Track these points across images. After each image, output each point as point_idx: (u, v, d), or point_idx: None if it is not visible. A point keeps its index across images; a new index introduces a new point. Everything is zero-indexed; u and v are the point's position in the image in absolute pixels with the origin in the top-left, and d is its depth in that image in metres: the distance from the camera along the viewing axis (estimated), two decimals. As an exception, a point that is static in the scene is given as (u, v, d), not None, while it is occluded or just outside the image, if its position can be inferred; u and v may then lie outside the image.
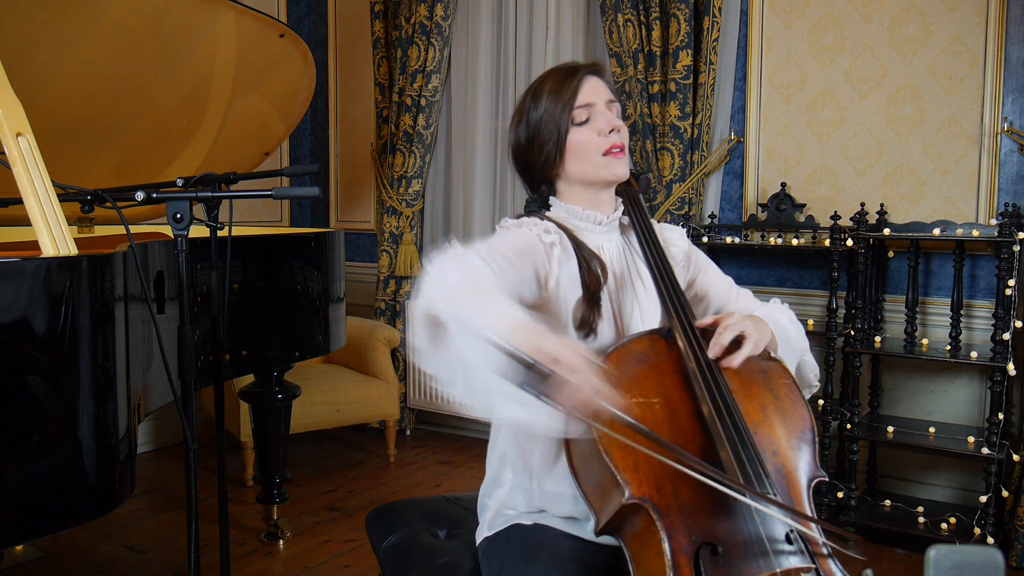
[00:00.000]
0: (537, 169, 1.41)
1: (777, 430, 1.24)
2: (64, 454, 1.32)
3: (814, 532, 1.15)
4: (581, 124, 1.37)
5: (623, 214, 1.47)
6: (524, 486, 1.35)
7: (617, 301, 1.38)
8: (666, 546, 1.08)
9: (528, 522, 1.35)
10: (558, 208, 1.42)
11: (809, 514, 1.17)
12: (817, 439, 1.26)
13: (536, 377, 0.97)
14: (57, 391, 1.31)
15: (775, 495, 1.13)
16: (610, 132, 1.36)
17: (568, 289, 1.32)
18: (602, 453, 1.12)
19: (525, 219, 1.35)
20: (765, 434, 1.23)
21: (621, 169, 1.37)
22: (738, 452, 1.14)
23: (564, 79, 1.38)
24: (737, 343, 1.26)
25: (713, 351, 1.25)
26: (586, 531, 1.32)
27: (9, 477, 1.25)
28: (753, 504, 1.10)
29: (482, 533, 1.41)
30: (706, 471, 1.07)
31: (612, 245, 1.43)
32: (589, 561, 1.29)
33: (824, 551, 1.14)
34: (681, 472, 1.12)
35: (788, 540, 1.12)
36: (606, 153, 1.36)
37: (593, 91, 1.38)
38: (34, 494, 1.29)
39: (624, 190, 1.50)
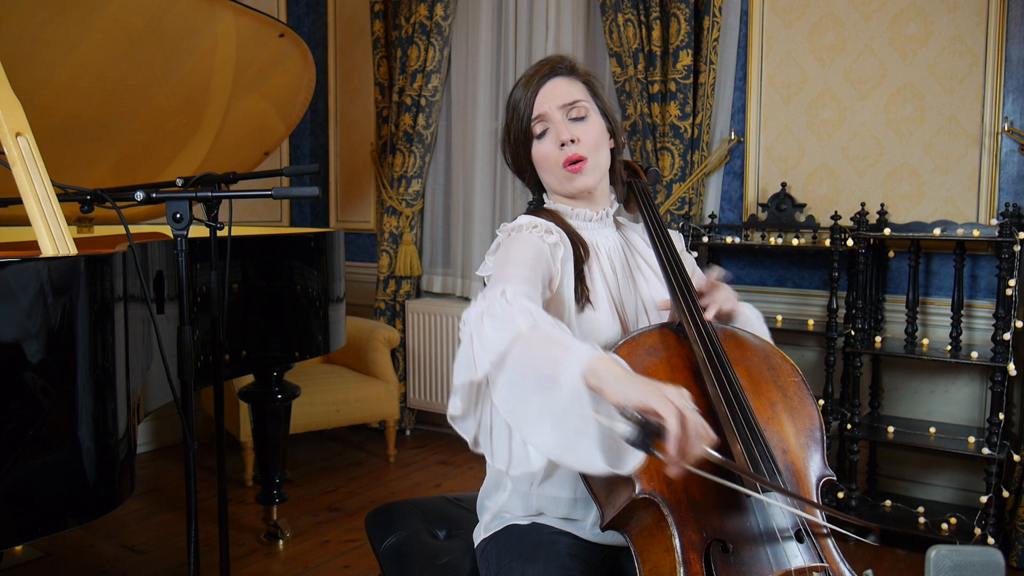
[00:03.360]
0: (522, 173, 1.44)
1: (786, 428, 1.24)
2: (63, 454, 1.32)
3: (818, 518, 1.15)
4: (540, 137, 1.37)
5: (639, 208, 1.48)
6: (523, 491, 1.35)
7: (619, 296, 1.38)
8: (676, 542, 1.08)
9: (525, 522, 1.35)
10: (550, 206, 1.44)
11: (821, 519, 1.17)
12: (826, 439, 1.26)
13: (647, 434, 0.95)
14: (55, 391, 1.30)
15: (793, 502, 1.14)
16: (561, 146, 1.35)
17: (569, 287, 1.32)
18: None
19: (523, 220, 1.35)
20: (775, 431, 1.23)
21: (582, 182, 1.37)
22: (750, 448, 1.14)
23: (523, 89, 1.38)
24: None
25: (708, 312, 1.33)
26: (583, 531, 1.32)
27: (7, 476, 1.24)
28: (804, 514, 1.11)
29: (479, 534, 1.41)
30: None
31: (608, 241, 1.43)
32: (587, 558, 1.29)
33: (830, 544, 1.15)
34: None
35: (799, 539, 1.12)
36: (565, 167, 1.35)
37: (547, 97, 1.36)
38: (33, 494, 1.29)
39: (633, 182, 1.50)
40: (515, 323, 1.06)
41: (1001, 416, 2.60)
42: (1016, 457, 2.68)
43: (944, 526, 2.74)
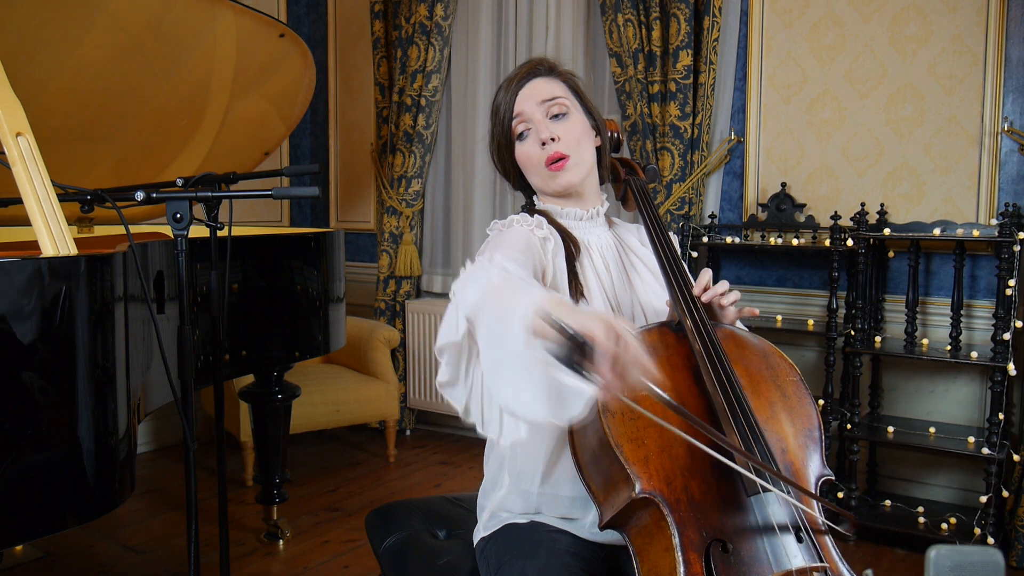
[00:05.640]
0: (508, 176, 1.45)
1: (785, 427, 1.24)
2: (63, 453, 1.32)
3: (815, 513, 1.15)
4: (521, 138, 1.39)
5: (637, 206, 1.48)
6: (522, 489, 1.35)
7: (614, 294, 1.38)
8: (676, 541, 1.07)
9: (524, 521, 1.35)
10: (541, 207, 1.45)
11: (818, 516, 1.17)
12: (824, 438, 1.26)
13: (578, 350, 0.88)
14: (55, 390, 1.30)
15: (787, 492, 1.14)
16: (543, 144, 1.36)
17: (562, 281, 1.32)
18: (612, 446, 1.12)
19: (514, 217, 1.36)
20: (774, 431, 1.23)
21: (565, 179, 1.38)
22: (750, 447, 1.14)
23: (504, 92, 1.39)
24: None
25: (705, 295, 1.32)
26: (582, 530, 1.32)
27: (7, 475, 1.24)
28: (771, 487, 1.11)
29: (479, 534, 1.41)
30: (743, 453, 1.07)
31: (600, 240, 1.43)
32: (586, 556, 1.29)
33: (830, 544, 1.15)
34: (692, 467, 1.12)
35: (798, 539, 1.12)
36: (547, 166, 1.36)
37: (527, 96, 1.37)
38: (34, 494, 1.29)
39: (632, 180, 1.50)
40: (488, 276, 1.06)
41: (1001, 416, 2.60)
42: (1016, 457, 2.68)
43: (944, 526, 2.74)
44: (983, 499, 2.61)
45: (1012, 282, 2.59)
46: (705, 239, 3.17)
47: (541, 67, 1.41)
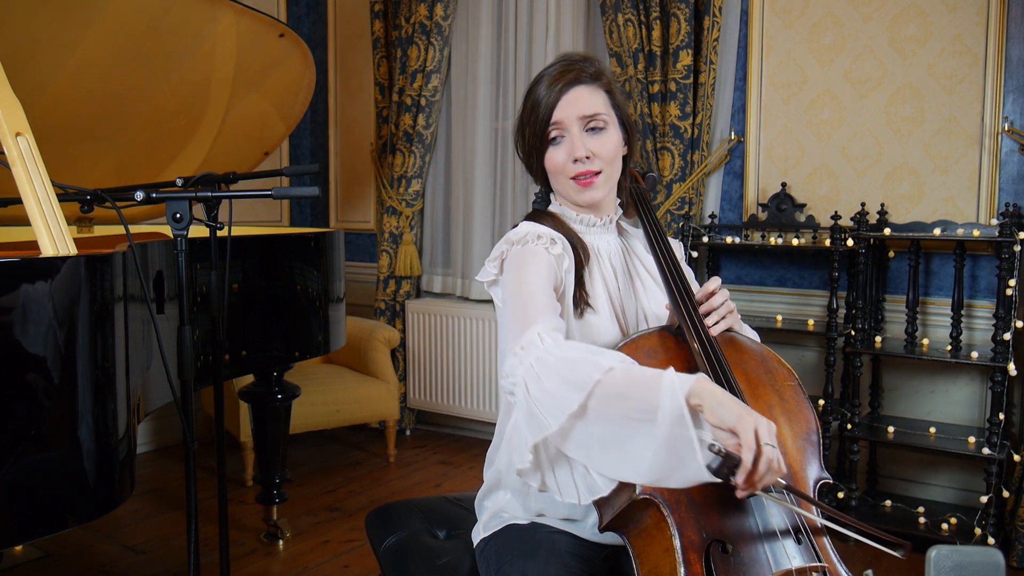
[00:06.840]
0: (532, 169, 1.44)
1: (783, 431, 1.25)
2: (63, 454, 1.32)
3: (813, 516, 1.16)
4: (554, 143, 1.36)
5: (638, 213, 1.48)
6: (522, 493, 1.35)
7: (620, 301, 1.38)
8: (677, 542, 1.08)
9: (525, 522, 1.35)
10: (555, 207, 1.44)
11: (816, 519, 1.17)
12: (822, 442, 1.27)
13: (726, 466, 0.99)
14: (55, 391, 1.30)
15: (789, 497, 1.14)
16: (575, 161, 1.33)
17: (571, 292, 1.32)
18: None
19: (527, 230, 1.33)
20: None
21: (590, 195, 1.36)
22: None
23: (546, 90, 1.35)
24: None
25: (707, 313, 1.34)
26: (583, 531, 1.33)
27: (8, 475, 1.24)
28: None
29: (479, 534, 1.41)
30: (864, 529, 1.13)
31: (610, 246, 1.43)
32: (587, 557, 1.29)
33: (828, 545, 1.15)
34: None
35: (797, 540, 1.13)
36: (573, 179, 1.35)
37: (569, 105, 1.33)
38: (34, 494, 1.29)
39: (632, 188, 1.50)
40: (585, 374, 1.04)
41: (1001, 416, 2.60)
42: (1016, 457, 2.68)
43: (944, 526, 2.74)
44: (983, 499, 2.61)
45: (1012, 282, 2.59)
46: (705, 239, 3.17)
47: (585, 73, 1.36)
